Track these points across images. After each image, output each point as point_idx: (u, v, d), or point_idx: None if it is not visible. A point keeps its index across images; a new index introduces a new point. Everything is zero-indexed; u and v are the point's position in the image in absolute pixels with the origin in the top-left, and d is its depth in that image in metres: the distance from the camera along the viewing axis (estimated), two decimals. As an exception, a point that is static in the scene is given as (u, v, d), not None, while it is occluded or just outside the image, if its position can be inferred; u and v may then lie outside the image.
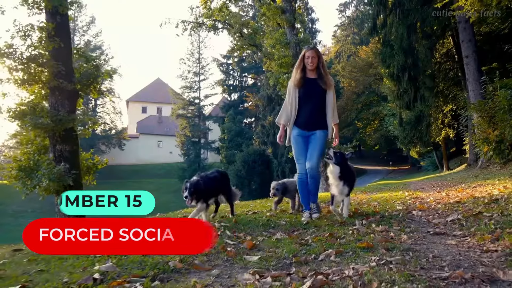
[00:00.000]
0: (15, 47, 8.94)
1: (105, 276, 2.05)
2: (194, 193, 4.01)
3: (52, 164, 8.93)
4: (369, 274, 1.92)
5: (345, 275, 1.94)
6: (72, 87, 9.74)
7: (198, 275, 2.11)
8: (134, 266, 2.34)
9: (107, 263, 2.31)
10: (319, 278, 1.85)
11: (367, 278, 1.85)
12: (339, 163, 4.29)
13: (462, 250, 2.54)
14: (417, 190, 9.50)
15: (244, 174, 27.60)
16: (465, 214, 3.92)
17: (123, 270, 2.21)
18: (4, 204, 36.56)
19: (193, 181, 4.14)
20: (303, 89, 4.65)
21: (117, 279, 1.98)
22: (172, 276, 2.11)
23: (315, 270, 2.06)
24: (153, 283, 1.97)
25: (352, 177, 4.49)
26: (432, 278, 1.86)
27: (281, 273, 2.05)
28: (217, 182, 4.56)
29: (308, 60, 4.58)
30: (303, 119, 4.64)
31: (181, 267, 2.29)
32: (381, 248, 2.58)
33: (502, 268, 1.96)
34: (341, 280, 1.86)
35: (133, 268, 2.27)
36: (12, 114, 9.25)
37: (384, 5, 19.46)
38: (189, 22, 26.21)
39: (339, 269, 2.07)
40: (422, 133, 22.10)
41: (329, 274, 1.96)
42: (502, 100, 12.31)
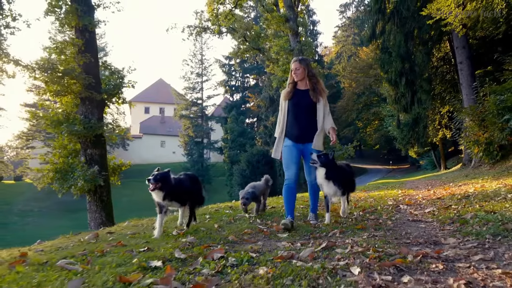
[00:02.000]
0: (52, 62, 10.04)
1: (192, 244, 3.16)
2: (160, 181, 3.74)
3: (85, 166, 10.07)
4: (361, 241, 3.03)
5: (346, 242, 3.05)
6: (100, 97, 10.86)
7: (249, 244, 3.22)
8: (207, 239, 3.46)
9: (188, 238, 3.43)
10: (330, 243, 2.96)
11: (359, 243, 2.96)
12: (325, 165, 4.37)
13: (427, 230, 3.65)
14: (411, 189, 10.59)
15: (248, 173, 28.69)
16: (439, 207, 5.03)
17: (201, 241, 3.33)
18: (10, 203, 37.29)
19: (164, 171, 3.90)
20: (293, 101, 4.65)
21: (200, 245, 3.09)
22: (233, 245, 3.22)
23: (327, 240, 3.18)
24: (225, 245, 3.10)
25: (343, 176, 4.59)
26: (400, 243, 2.98)
27: (305, 241, 3.19)
28: (188, 185, 4.22)
29: (292, 72, 4.64)
30: (294, 132, 4.62)
31: (236, 240, 3.42)
32: (371, 228, 3.70)
33: (445, 237, 3.08)
34: (344, 244, 2.97)
35: (207, 240, 3.40)
36: (48, 122, 10.36)
37: (382, 13, 20.50)
38: (194, 27, 27.30)
39: (342, 240, 3.20)
40: (419, 134, 23.14)
41: (336, 242, 3.07)
42: (491, 105, 13.30)
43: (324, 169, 4.38)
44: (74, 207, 34.37)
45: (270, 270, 2.26)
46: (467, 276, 2.04)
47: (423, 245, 2.89)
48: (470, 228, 3.35)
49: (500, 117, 12.76)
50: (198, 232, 3.90)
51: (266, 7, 23.87)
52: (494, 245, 2.71)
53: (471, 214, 3.97)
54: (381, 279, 2.00)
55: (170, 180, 3.83)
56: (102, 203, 10.42)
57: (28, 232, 25.87)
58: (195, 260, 2.61)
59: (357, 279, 2.02)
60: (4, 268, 2.47)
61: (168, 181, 3.80)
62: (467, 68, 17.80)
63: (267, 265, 2.42)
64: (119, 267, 2.45)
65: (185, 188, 4.08)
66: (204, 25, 27.25)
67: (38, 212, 35.99)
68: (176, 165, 48.63)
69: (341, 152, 30.49)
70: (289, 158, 4.59)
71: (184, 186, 4.06)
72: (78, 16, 10.61)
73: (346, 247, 2.84)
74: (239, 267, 2.43)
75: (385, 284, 1.93)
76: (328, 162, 4.39)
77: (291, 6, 20.40)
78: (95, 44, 11.31)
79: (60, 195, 10.31)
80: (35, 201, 38.09)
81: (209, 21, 25.64)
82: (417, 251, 2.61)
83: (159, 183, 3.72)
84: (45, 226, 28.02)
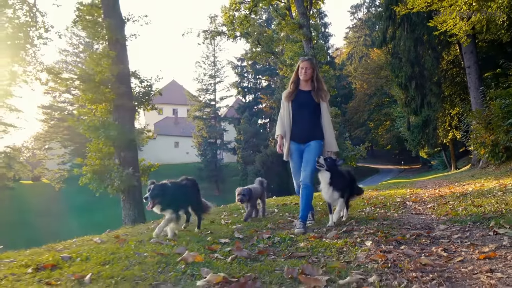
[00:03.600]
0: (91, 73, 11.11)
1: (243, 230, 4.12)
2: (157, 196, 3.76)
3: (120, 168, 11.11)
4: (373, 227, 3.96)
5: (361, 228, 3.98)
6: (131, 104, 11.91)
7: (285, 230, 4.16)
8: (251, 226, 4.43)
9: (237, 226, 4.40)
10: (348, 228, 3.90)
11: (371, 228, 3.89)
12: (330, 169, 4.35)
13: (426, 220, 4.55)
14: (419, 188, 11.43)
15: (263, 174, 29.67)
16: (440, 203, 5.92)
17: (248, 228, 4.30)
18: (28, 203, 38.22)
19: (159, 183, 3.91)
20: (296, 102, 4.68)
21: (248, 231, 4.05)
22: (273, 230, 4.16)
23: (346, 226, 4.12)
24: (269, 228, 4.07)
25: (344, 182, 4.53)
26: (402, 228, 3.91)
27: (329, 228, 4.13)
28: (186, 190, 4.27)
29: (302, 70, 4.62)
30: (297, 132, 4.66)
31: (274, 227, 4.38)
32: (381, 219, 4.62)
33: (437, 224, 4.00)
34: (359, 229, 3.90)
35: (251, 227, 4.37)
36: (85, 127, 11.43)
37: (393, 20, 21.26)
38: (209, 32, 28.30)
39: (358, 226, 4.13)
40: (429, 136, 23.82)
41: (353, 228, 4.01)
42: (496, 109, 14.00)
43: (329, 173, 4.35)
44: (90, 207, 35.68)
45: (308, 243, 3.21)
46: (445, 246, 2.97)
47: (419, 229, 3.81)
48: (458, 217, 4.26)
49: (505, 120, 13.41)
50: (240, 222, 4.87)
51: (279, 12, 24.69)
52: (472, 229, 3.62)
53: (462, 207, 4.87)
54: (386, 247, 2.94)
55: (168, 191, 3.85)
56: (135, 201, 11.45)
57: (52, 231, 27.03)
58: (251, 239, 3.58)
59: (369, 247, 2.96)
60: (115, 245, 3.45)
61: (166, 193, 3.82)
62: (474, 72, 18.50)
63: (304, 242, 3.37)
64: (198, 242, 3.43)
65: (184, 193, 4.13)
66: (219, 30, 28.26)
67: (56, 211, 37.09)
68: (190, 166, 49.72)
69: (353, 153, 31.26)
70: (295, 168, 4.71)
71: (182, 192, 4.10)
72: (111, 30, 11.66)
73: (361, 230, 3.78)
74: (284, 243, 3.39)
75: (388, 250, 2.87)
76: (334, 167, 4.39)
77: (304, 13, 21.17)
78: (126, 55, 12.36)
79: (98, 193, 11.34)
80: (53, 201, 39.22)
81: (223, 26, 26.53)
82: (413, 232, 3.55)
83: (157, 198, 3.76)
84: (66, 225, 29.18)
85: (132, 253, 2.98)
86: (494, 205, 4.71)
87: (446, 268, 2.43)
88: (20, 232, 28.57)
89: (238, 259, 2.79)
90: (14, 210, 35.51)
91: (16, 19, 13.08)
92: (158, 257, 2.83)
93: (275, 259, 2.82)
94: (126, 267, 2.58)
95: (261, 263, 2.67)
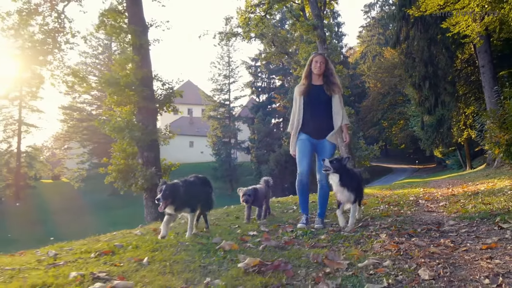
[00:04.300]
0: (116, 77, 11.64)
1: (267, 224, 4.53)
2: (169, 197, 3.64)
3: (143, 167, 11.63)
4: (387, 223, 4.33)
5: (376, 223, 4.36)
6: (154, 106, 12.42)
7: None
8: (273, 221, 4.84)
9: (262, 220, 4.82)
10: (364, 223, 4.28)
11: (385, 224, 4.26)
12: (338, 170, 4.28)
13: (437, 217, 4.90)
14: (432, 188, 11.69)
15: (277, 173, 30.11)
16: (451, 202, 6.24)
17: (271, 222, 4.71)
18: (49, 202, 38.79)
19: (171, 183, 3.78)
20: (308, 97, 4.66)
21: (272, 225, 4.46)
22: (294, 225, 4.56)
23: (362, 222, 4.50)
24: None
25: (356, 181, 4.46)
26: (414, 223, 4.28)
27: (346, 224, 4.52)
28: (198, 188, 4.15)
29: (316, 64, 4.61)
30: (310, 127, 4.64)
31: (294, 222, 4.78)
32: (395, 216, 4.98)
33: (447, 220, 4.35)
34: (374, 224, 4.28)
35: (274, 222, 4.78)
36: (111, 128, 11.97)
37: (406, 20, 21.43)
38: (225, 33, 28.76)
39: (373, 222, 4.50)
40: (443, 135, 23.89)
41: (368, 223, 4.38)
42: (510, 108, 14.16)
43: (338, 175, 4.29)
44: (108, 205, 36.53)
45: (327, 236, 3.61)
46: (453, 239, 3.33)
47: (430, 225, 4.17)
48: (467, 214, 4.60)
49: (520, 120, 13.57)
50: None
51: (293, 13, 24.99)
52: (479, 224, 3.97)
53: (472, 205, 5.20)
54: (398, 239, 3.32)
55: (179, 191, 3.73)
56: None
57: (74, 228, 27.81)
58: (276, 232, 4.00)
59: (383, 239, 3.34)
60: (155, 236, 3.88)
61: (177, 193, 3.70)
62: (489, 71, 18.58)
63: (324, 234, 3.77)
64: (230, 234, 3.85)
65: (194, 192, 3.98)
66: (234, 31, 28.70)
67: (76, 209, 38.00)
68: (205, 165, 50.32)
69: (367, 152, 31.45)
70: (302, 152, 4.63)
71: (193, 191, 3.96)
72: (135, 36, 12.19)
73: (376, 225, 4.16)
74: (306, 235, 3.80)
75: (400, 241, 3.25)
76: (341, 167, 4.32)
77: (318, 14, 21.44)
78: (149, 60, 12.87)
79: (122, 192, 11.88)
80: (72, 200, 40.21)
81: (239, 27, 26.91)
82: (424, 226, 3.91)
83: (169, 198, 3.64)
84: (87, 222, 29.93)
85: (175, 242, 3.41)
86: (502, 203, 5.03)
87: (451, 256, 2.80)
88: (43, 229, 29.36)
89: (268, 247, 3.20)
90: (35, 208, 36.51)
91: (45, 25, 13.71)
92: (199, 246, 3.26)
93: (300, 248, 3.22)
94: (174, 253, 3.02)
95: (288, 251, 3.08)
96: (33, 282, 2.24)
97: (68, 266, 2.69)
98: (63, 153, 48.45)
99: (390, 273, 2.38)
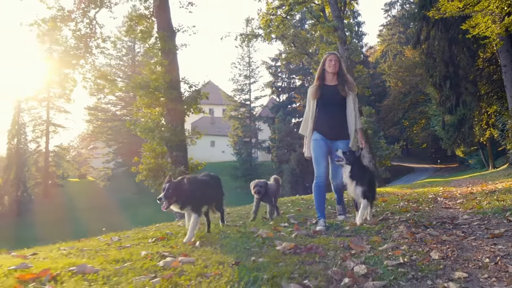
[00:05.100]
0: (147, 80, 12.29)
1: (296, 217, 5.01)
2: (173, 196, 3.54)
3: (173, 166, 12.25)
4: (406, 217, 4.76)
5: (395, 217, 4.78)
6: (182, 108, 13.03)
7: (330, 219, 5.02)
8: (300, 216, 5.32)
9: (289, 215, 5.30)
10: (384, 217, 4.72)
11: (405, 218, 4.68)
12: (350, 162, 4.32)
13: (453, 213, 5.28)
14: (452, 187, 11.94)
15: (298, 172, 30.51)
16: (469, 199, 6.59)
17: (298, 216, 5.18)
18: (76, 201, 40.03)
19: (175, 181, 3.68)
20: (323, 97, 4.64)
21: (300, 218, 4.93)
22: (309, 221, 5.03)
23: (382, 215, 4.93)
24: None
25: (367, 177, 4.46)
26: (432, 218, 4.69)
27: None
28: (208, 186, 4.06)
29: (331, 62, 4.58)
30: (325, 127, 4.62)
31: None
32: (413, 211, 5.38)
33: (461, 215, 4.74)
34: (393, 218, 4.71)
35: (301, 216, 5.26)
36: (141, 129, 12.63)
37: (427, 20, 21.50)
38: (246, 35, 29.29)
39: (392, 216, 4.92)
40: (465, 135, 23.85)
41: (388, 217, 4.81)
42: (532, 108, 14.29)
43: (350, 167, 4.33)
44: (133, 203, 37.50)
45: (351, 227, 4.07)
46: (464, 230, 3.75)
47: (445, 219, 4.58)
48: (481, 210, 4.97)
49: (540, 120, 13.71)
50: (290, 212, 5.77)
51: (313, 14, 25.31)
52: (491, 218, 4.35)
53: (487, 202, 5.56)
54: (415, 230, 3.75)
55: (184, 188, 3.62)
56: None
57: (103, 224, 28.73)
58: (304, 223, 4.48)
59: (402, 230, 3.78)
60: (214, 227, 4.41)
61: (182, 190, 3.60)
62: (510, 71, 18.58)
63: (348, 226, 4.23)
64: (264, 225, 4.35)
65: (202, 190, 3.86)
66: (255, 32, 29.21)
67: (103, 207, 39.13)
68: (226, 164, 51.01)
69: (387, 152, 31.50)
70: (319, 152, 4.57)
71: (201, 188, 3.85)
72: (164, 41, 12.82)
73: (395, 219, 4.59)
74: (332, 227, 4.26)
75: (417, 232, 3.68)
76: (354, 160, 4.34)
77: (339, 16, 21.69)
78: (177, 63, 13.49)
79: (153, 190, 12.52)
80: (98, 198, 41.45)
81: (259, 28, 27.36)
82: (439, 220, 4.33)
83: (173, 197, 3.55)
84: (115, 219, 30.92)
85: (217, 231, 3.94)
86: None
87: (461, 243, 3.23)
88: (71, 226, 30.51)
89: (299, 235, 3.69)
90: (63, 206, 37.80)
91: (77, 31, 14.50)
92: (239, 234, 3.77)
93: (327, 237, 3.69)
94: (220, 239, 3.53)
95: (317, 239, 3.56)
96: (113, 258, 2.78)
97: (135, 248, 3.24)
98: (89, 152, 49.95)
99: (406, 254, 2.82)
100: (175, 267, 2.47)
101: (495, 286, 2.14)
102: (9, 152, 37.85)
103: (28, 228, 32.26)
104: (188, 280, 2.21)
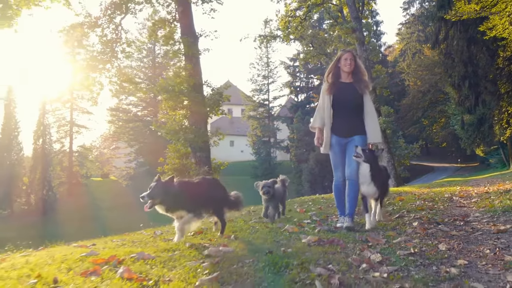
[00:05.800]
0: (171, 84, 12.85)
1: (318, 215, 5.43)
2: (158, 196, 3.40)
3: (197, 166, 12.78)
4: (421, 215, 5.12)
5: (410, 215, 5.15)
6: (205, 110, 13.55)
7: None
8: (321, 214, 5.74)
9: (311, 213, 5.73)
10: (400, 215, 5.09)
11: (420, 216, 5.05)
12: (369, 161, 4.25)
13: (466, 211, 5.61)
14: (470, 186, 12.11)
15: (317, 172, 30.79)
16: (483, 198, 6.88)
17: (320, 214, 5.60)
18: (98, 199, 41.47)
19: (162, 181, 3.53)
20: (338, 94, 4.57)
21: (321, 216, 5.35)
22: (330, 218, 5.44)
23: (398, 214, 5.30)
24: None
25: (383, 177, 4.46)
26: (445, 216, 5.05)
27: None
28: (203, 190, 3.85)
29: (346, 61, 4.52)
30: (339, 125, 4.56)
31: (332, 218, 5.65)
32: (428, 209, 5.74)
33: (473, 213, 5.08)
34: (409, 216, 5.08)
35: (322, 214, 5.67)
36: (167, 131, 13.20)
37: (445, 20, 21.50)
38: (265, 36, 29.71)
39: (408, 214, 5.30)
40: (484, 134, 23.70)
41: (404, 215, 5.19)
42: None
43: (368, 165, 4.26)
44: (155, 202, 38.21)
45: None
46: (473, 226, 4.11)
47: (457, 216, 4.93)
48: (492, 208, 5.29)
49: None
50: (312, 210, 6.19)
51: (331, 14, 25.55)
52: (500, 216, 4.68)
53: (499, 201, 5.87)
54: (427, 226, 4.13)
55: (171, 190, 3.49)
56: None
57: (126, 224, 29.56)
58: (325, 220, 4.90)
59: (415, 226, 4.17)
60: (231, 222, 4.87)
61: (169, 192, 3.46)
62: (532, 70, 18.54)
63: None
64: (288, 222, 4.79)
65: (193, 193, 3.66)
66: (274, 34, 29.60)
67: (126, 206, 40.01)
68: (245, 164, 51.57)
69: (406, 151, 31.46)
70: (336, 160, 4.61)
71: (192, 191, 3.68)
72: (187, 46, 13.37)
73: (410, 217, 4.96)
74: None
75: (429, 228, 4.07)
76: (373, 158, 4.29)
77: (357, 17, 21.86)
78: (200, 67, 14.01)
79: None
80: (121, 197, 42.36)
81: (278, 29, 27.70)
82: (451, 217, 4.69)
83: (158, 198, 3.42)
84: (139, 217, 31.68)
85: (247, 226, 4.39)
86: (526, 199, 5.68)
87: (468, 237, 3.61)
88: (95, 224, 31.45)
89: (322, 230, 4.12)
90: (87, 205, 38.90)
91: (104, 37, 15.17)
92: (267, 229, 4.22)
93: (347, 232, 4.10)
94: (250, 233, 3.98)
95: (338, 233, 3.98)
96: (163, 247, 3.26)
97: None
98: (111, 152, 51.15)
99: (417, 246, 3.22)
100: (218, 255, 2.93)
101: (490, 271, 2.53)
102: (35, 153, 39.15)
103: (53, 225, 33.40)
104: (231, 265, 2.67)
